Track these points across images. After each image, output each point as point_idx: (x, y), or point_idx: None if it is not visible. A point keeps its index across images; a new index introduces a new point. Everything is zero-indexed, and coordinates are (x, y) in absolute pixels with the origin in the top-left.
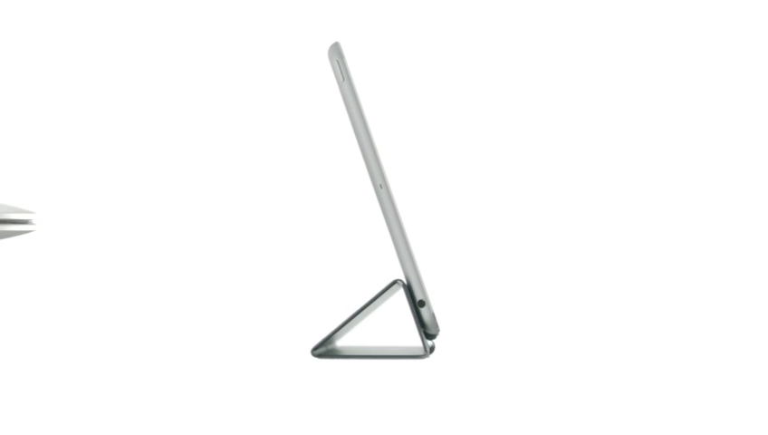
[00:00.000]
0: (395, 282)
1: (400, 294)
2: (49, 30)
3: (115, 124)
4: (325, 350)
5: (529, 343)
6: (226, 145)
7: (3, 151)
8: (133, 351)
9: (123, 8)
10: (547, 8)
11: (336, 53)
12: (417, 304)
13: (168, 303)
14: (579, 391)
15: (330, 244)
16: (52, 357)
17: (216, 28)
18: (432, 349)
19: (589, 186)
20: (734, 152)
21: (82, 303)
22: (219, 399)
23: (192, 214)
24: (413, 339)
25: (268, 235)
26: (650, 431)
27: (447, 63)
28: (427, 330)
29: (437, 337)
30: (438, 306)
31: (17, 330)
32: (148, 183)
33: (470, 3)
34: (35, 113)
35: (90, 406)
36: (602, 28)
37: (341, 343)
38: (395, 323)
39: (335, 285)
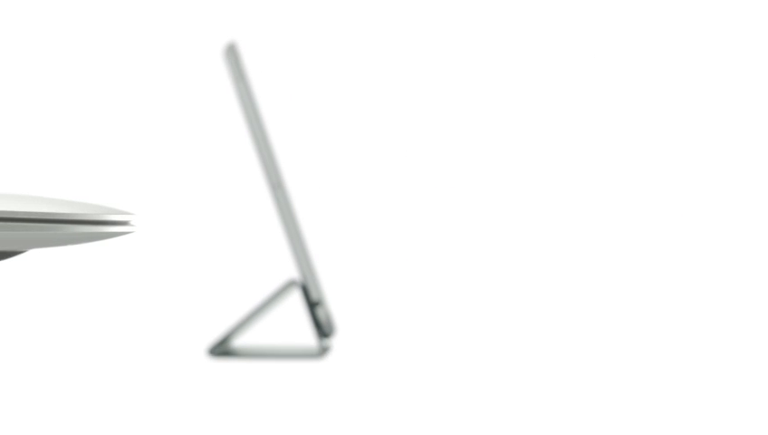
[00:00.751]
0: (290, 282)
1: (297, 294)
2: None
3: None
4: (222, 350)
5: (426, 343)
6: (125, 143)
7: (103, 152)
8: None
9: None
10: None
11: (232, 53)
12: (312, 305)
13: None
14: (473, 392)
15: (226, 243)
16: (150, 357)
17: (112, 24)
18: (327, 349)
19: (476, 177)
20: (733, 152)
21: (181, 303)
22: (115, 400)
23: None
24: (310, 339)
25: (165, 234)
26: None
27: (342, 64)
28: (322, 330)
29: (333, 337)
30: (334, 306)
31: (118, 331)
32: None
33: (364, 2)
34: (135, 115)
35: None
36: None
37: (238, 342)
38: (294, 323)
39: (234, 284)
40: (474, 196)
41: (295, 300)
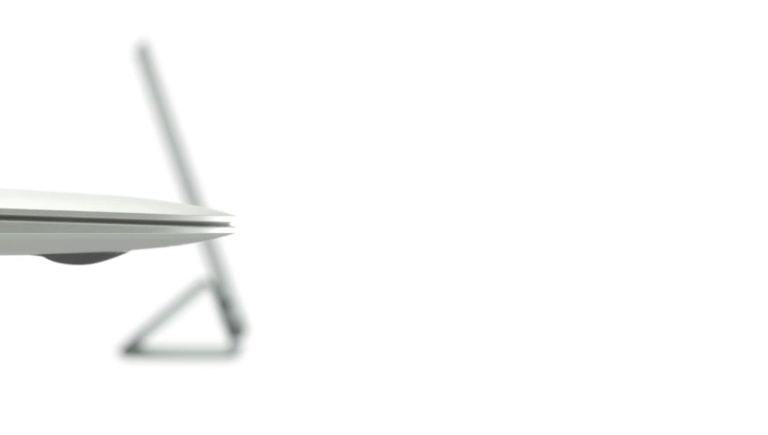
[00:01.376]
0: (200, 280)
1: (207, 293)
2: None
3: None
4: (134, 349)
5: (341, 343)
6: (28, 142)
7: (205, 155)
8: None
9: None
10: None
11: (142, 50)
12: (223, 304)
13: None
14: (390, 391)
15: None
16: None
17: (21, 20)
18: (239, 349)
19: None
20: (733, 153)
21: (279, 306)
22: (28, 401)
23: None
24: (222, 339)
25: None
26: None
27: (263, 62)
28: (234, 330)
29: (246, 337)
30: (248, 305)
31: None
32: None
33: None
34: (240, 116)
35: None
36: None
37: (150, 342)
38: (206, 322)
39: (150, 282)
40: (394, 189)
41: (206, 299)
